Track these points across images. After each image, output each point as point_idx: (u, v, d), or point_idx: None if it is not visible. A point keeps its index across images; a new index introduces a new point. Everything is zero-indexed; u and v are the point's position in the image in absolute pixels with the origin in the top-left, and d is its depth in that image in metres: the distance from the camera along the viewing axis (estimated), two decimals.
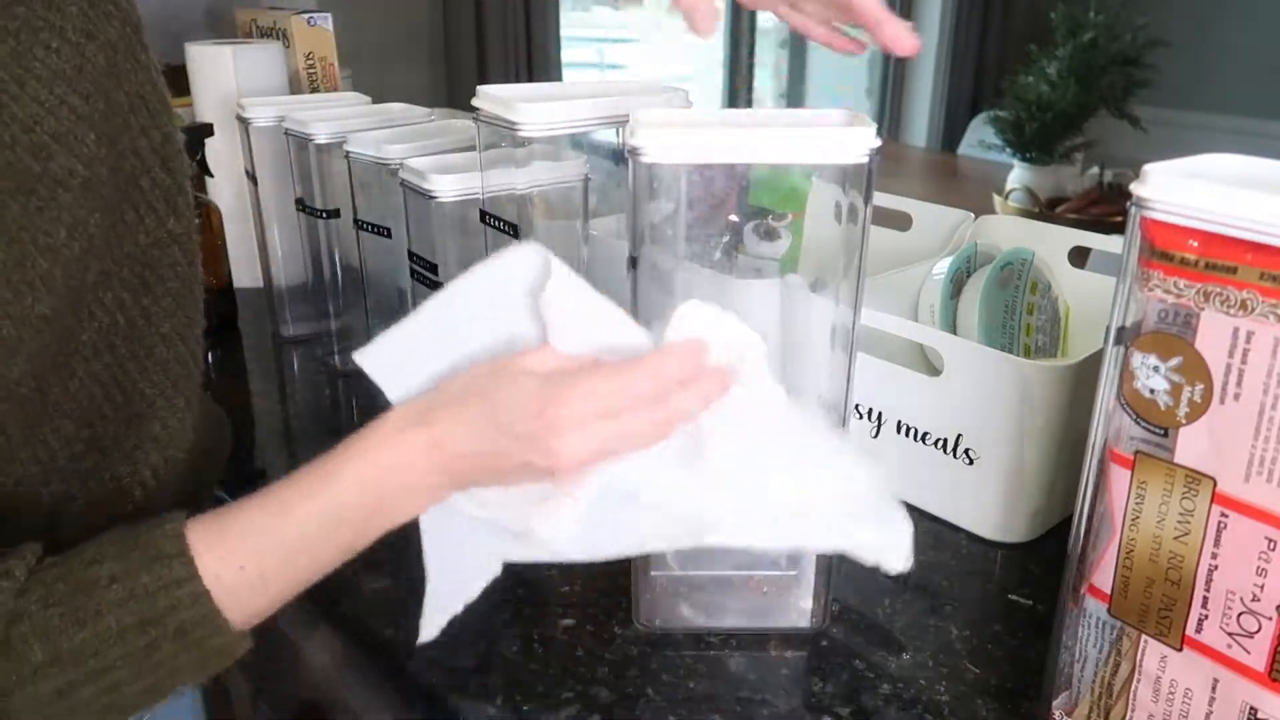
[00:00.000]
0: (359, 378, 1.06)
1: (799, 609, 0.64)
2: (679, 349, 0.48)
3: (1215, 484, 0.42)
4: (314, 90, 1.27)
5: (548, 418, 0.45)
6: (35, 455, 0.47)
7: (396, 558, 0.71)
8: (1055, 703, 0.52)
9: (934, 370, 0.73)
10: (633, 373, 0.47)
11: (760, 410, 0.50)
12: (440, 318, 0.51)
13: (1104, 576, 0.47)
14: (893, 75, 3.41)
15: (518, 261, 0.50)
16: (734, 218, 0.61)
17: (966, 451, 0.72)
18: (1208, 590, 0.43)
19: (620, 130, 0.68)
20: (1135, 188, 0.42)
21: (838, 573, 0.70)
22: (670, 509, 0.49)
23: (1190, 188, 0.40)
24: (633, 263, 0.56)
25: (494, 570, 0.52)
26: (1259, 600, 0.42)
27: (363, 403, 0.97)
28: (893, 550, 0.50)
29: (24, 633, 0.40)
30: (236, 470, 0.84)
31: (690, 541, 0.50)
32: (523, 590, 0.66)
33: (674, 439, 0.48)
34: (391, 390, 0.51)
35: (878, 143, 0.52)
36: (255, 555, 0.44)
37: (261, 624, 0.47)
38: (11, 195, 0.41)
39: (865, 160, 0.52)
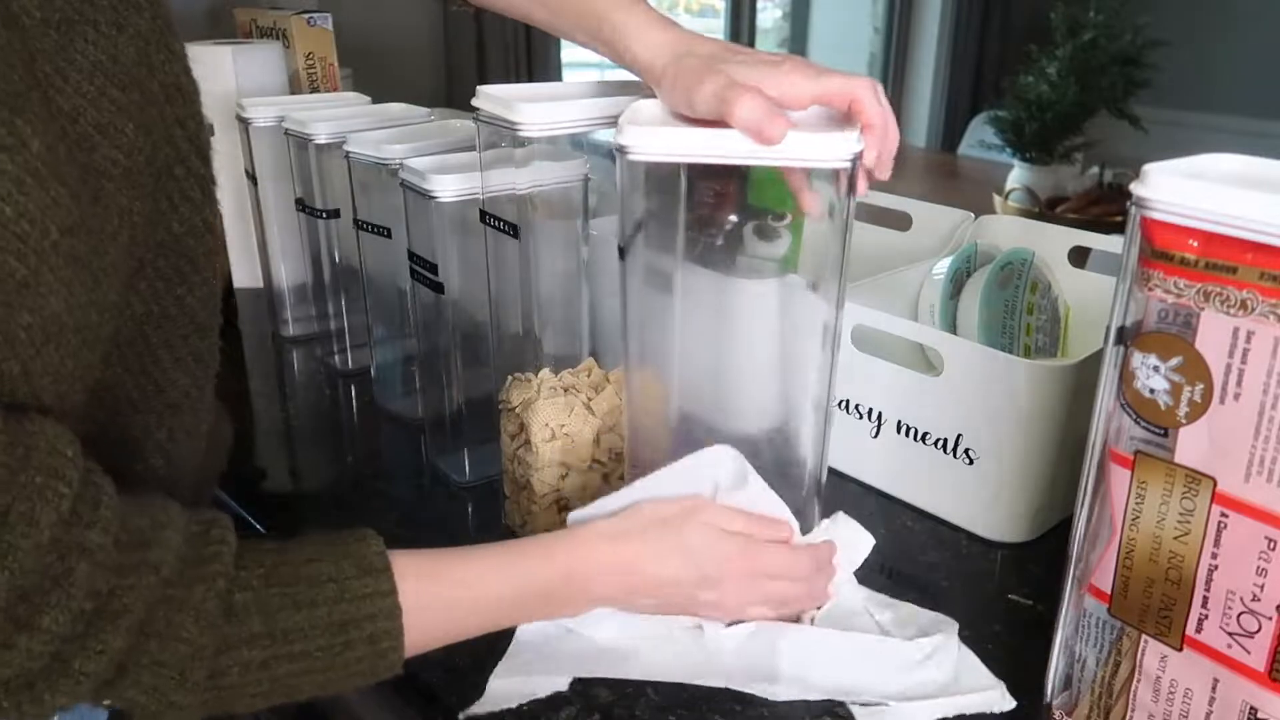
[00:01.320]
0: (359, 378, 1.06)
1: None
2: (828, 545, 0.62)
3: (1215, 484, 0.42)
4: (314, 90, 1.27)
5: (735, 568, 0.56)
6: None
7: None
8: (1055, 703, 0.52)
9: (934, 370, 0.73)
10: (802, 551, 0.60)
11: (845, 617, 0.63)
12: (644, 493, 0.59)
13: (1104, 576, 0.47)
14: (893, 75, 3.41)
15: (712, 461, 0.59)
16: (734, 218, 0.61)
17: (966, 451, 0.72)
18: (1208, 590, 0.43)
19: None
20: (1135, 188, 0.42)
21: None
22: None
23: (1190, 188, 0.40)
24: (621, 253, 0.57)
25: (562, 684, 0.57)
26: (1259, 600, 0.42)
27: (362, 403, 0.97)
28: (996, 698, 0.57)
29: (246, 602, 0.44)
30: (237, 470, 0.84)
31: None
32: None
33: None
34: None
35: (860, 146, 0.52)
36: (445, 604, 0.51)
37: None
38: (78, 186, 0.41)
39: (848, 164, 0.52)
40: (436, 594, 0.50)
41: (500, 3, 0.67)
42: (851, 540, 0.64)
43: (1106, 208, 1.64)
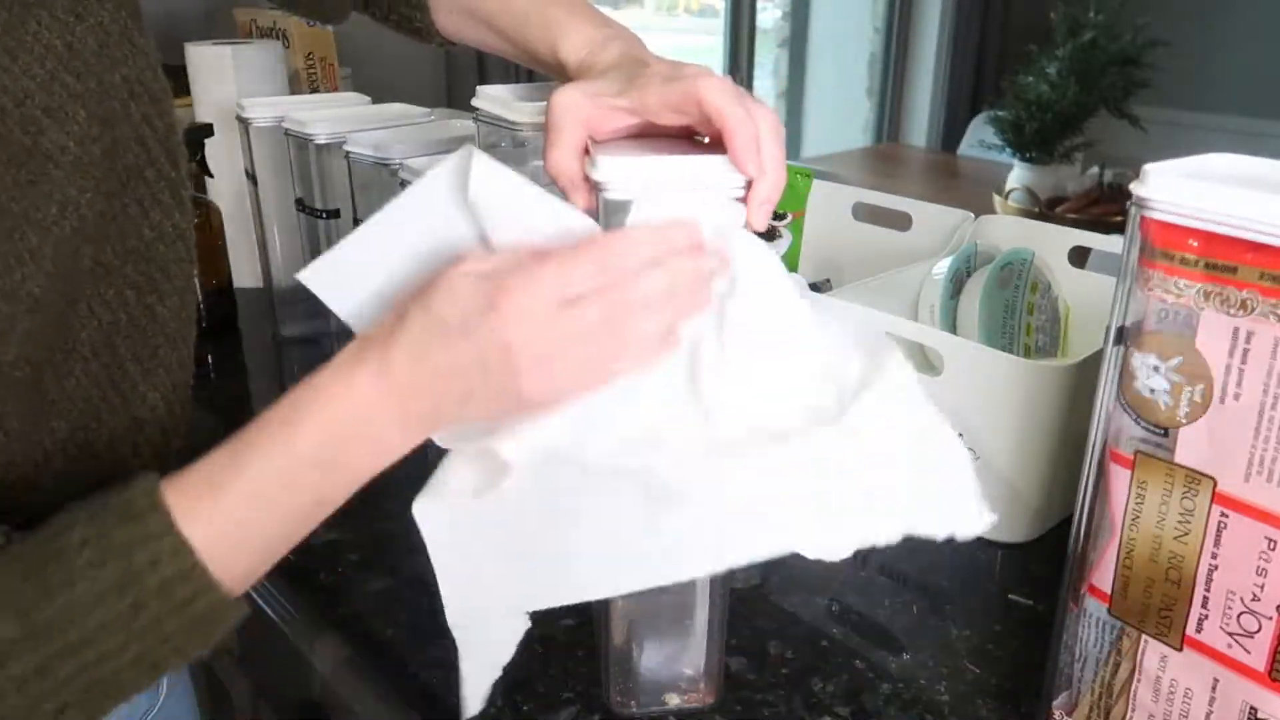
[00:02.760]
0: None
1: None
2: (658, 227, 0.42)
3: (1215, 484, 0.42)
4: (314, 90, 1.27)
5: (500, 309, 0.39)
6: (30, 455, 0.47)
7: (397, 558, 0.71)
8: (1055, 703, 0.52)
9: (934, 370, 0.73)
10: (579, 253, 0.40)
11: (773, 305, 0.43)
12: (382, 232, 0.48)
13: (1104, 576, 0.47)
14: (893, 75, 3.41)
15: (452, 168, 0.45)
16: None
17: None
18: (1208, 590, 0.43)
19: None
20: (1135, 188, 0.42)
21: (837, 572, 0.70)
22: (693, 500, 0.42)
23: (1190, 188, 0.40)
24: None
25: (521, 630, 0.47)
26: (1259, 600, 0.42)
27: None
28: (964, 513, 0.43)
29: None
30: None
31: (731, 562, 0.43)
32: None
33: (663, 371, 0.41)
34: (340, 305, 0.47)
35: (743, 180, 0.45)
36: (229, 508, 0.41)
37: (262, 625, 0.47)
38: (3, 167, 0.40)
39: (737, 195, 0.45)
40: (212, 512, 0.40)
41: (471, 38, 0.65)
42: (701, 212, 0.43)
43: (1106, 208, 1.64)
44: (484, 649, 0.48)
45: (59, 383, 0.47)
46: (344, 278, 0.47)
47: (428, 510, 0.46)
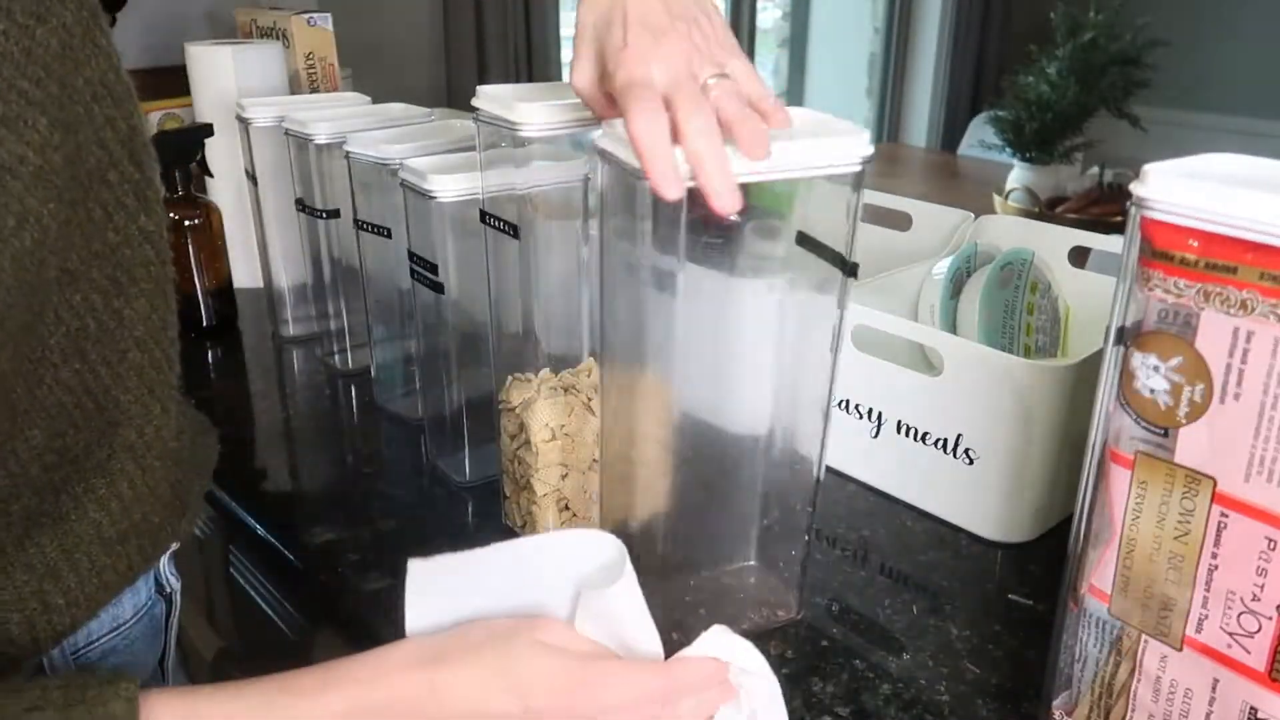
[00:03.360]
0: (359, 378, 1.06)
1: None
2: (699, 661, 0.50)
3: (1215, 484, 0.42)
4: (314, 90, 1.27)
5: (576, 699, 0.45)
6: (5, 467, 0.46)
7: (397, 558, 0.71)
8: (1055, 703, 0.52)
9: (934, 370, 0.73)
10: (655, 672, 0.48)
11: None
12: (498, 561, 0.50)
13: (1104, 576, 0.47)
14: (893, 75, 3.41)
15: (591, 543, 0.50)
16: (734, 217, 0.61)
17: (966, 451, 0.72)
18: (1208, 590, 0.43)
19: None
20: (1135, 188, 0.42)
21: (836, 572, 0.70)
22: None
23: (1190, 188, 0.40)
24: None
25: None
26: (1259, 600, 0.42)
27: (362, 403, 0.97)
28: None
29: None
30: (237, 471, 0.84)
31: None
32: None
33: None
34: (412, 611, 0.49)
35: (870, 149, 0.52)
36: None
37: (262, 625, 0.47)
38: None
39: (859, 168, 0.52)
40: None
41: None
42: (744, 658, 0.51)
43: (1106, 208, 1.64)
44: None
45: (30, 391, 0.46)
46: (438, 586, 0.49)
47: None
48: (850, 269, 0.56)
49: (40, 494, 0.48)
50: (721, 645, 0.51)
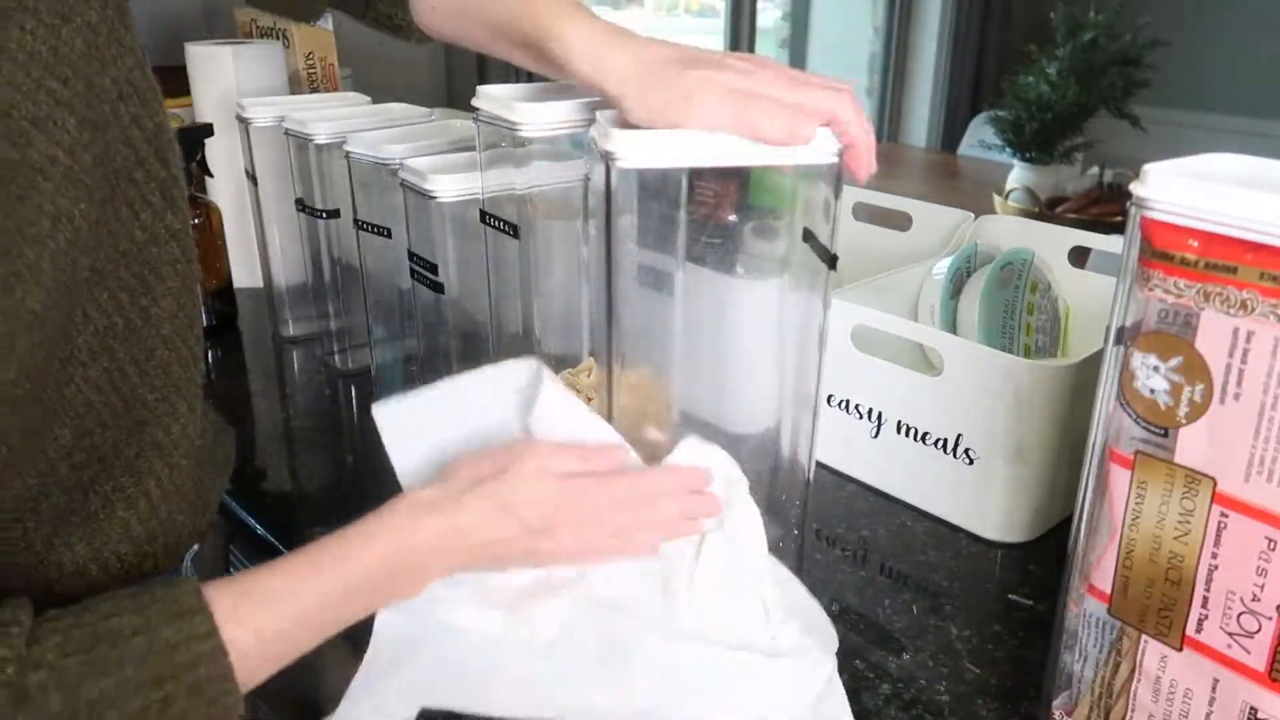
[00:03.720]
0: (359, 378, 1.06)
1: None
2: (683, 469, 0.55)
3: (1215, 484, 0.42)
4: (314, 90, 1.27)
5: (562, 513, 0.52)
6: (34, 467, 0.46)
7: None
8: (1055, 703, 0.52)
9: (934, 370, 0.73)
10: (632, 479, 0.55)
11: (740, 552, 0.56)
12: (448, 399, 0.57)
13: (1104, 576, 0.47)
14: (893, 75, 3.41)
15: (516, 371, 0.57)
16: (733, 217, 0.61)
17: (966, 451, 0.72)
18: (1208, 590, 0.43)
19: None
20: (1135, 188, 0.42)
21: (836, 572, 0.70)
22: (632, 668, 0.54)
23: (1190, 188, 0.40)
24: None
25: (410, 715, 0.53)
26: (1259, 600, 0.42)
27: (362, 403, 0.97)
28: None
29: (41, 681, 0.39)
30: (237, 471, 0.84)
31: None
32: None
33: (655, 568, 0.55)
34: (395, 452, 0.56)
35: (839, 145, 0.52)
36: (270, 621, 0.45)
37: None
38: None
39: (835, 160, 0.52)
40: (257, 622, 0.44)
41: (450, 34, 0.65)
42: (731, 476, 0.57)
43: (1106, 208, 1.64)
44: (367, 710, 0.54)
45: (59, 391, 0.46)
46: (408, 427, 0.57)
47: (388, 617, 0.53)
48: (830, 260, 0.57)
49: (69, 493, 0.49)
50: (698, 454, 0.56)
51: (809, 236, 0.57)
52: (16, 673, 0.38)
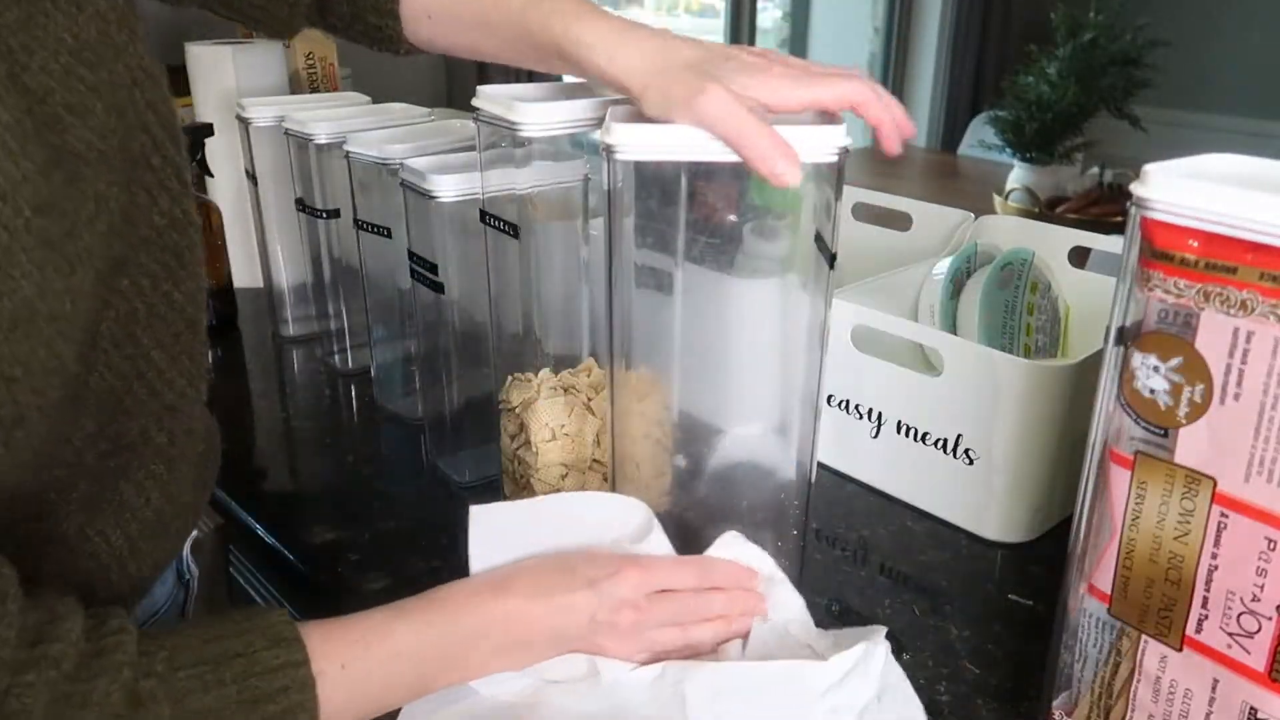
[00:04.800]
0: (359, 378, 1.06)
1: None
2: (728, 563, 0.59)
3: (1215, 484, 0.42)
4: (314, 90, 1.27)
5: (628, 615, 0.54)
6: (61, 457, 0.46)
7: (397, 558, 0.71)
8: (1055, 703, 0.52)
9: (934, 370, 0.73)
10: (688, 565, 0.58)
11: (779, 646, 0.57)
12: (544, 510, 0.60)
13: (1104, 576, 0.47)
14: (893, 76, 3.41)
15: (625, 507, 0.60)
16: (733, 217, 0.61)
17: (966, 451, 0.72)
18: (1208, 590, 0.43)
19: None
20: (1135, 188, 0.42)
21: (836, 572, 0.70)
22: None
23: (1190, 188, 0.40)
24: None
25: None
26: (1259, 600, 0.42)
27: (362, 403, 0.97)
28: None
29: (152, 689, 0.41)
30: (237, 471, 0.84)
31: None
32: None
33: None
34: (475, 552, 0.57)
35: (848, 141, 0.52)
36: (357, 661, 0.47)
37: None
38: (50, 168, 0.39)
39: (835, 159, 0.52)
40: (346, 656, 0.47)
41: (444, 43, 0.64)
42: (758, 565, 0.60)
43: (1106, 208, 1.64)
44: None
45: (84, 380, 0.46)
46: (499, 531, 0.58)
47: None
48: (831, 259, 0.57)
49: (100, 481, 0.49)
50: (737, 549, 0.59)
51: (819, 239, 0.57)
52: (132, 678, 0.41)
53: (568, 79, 0.65)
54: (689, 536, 0.62)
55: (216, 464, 0.62)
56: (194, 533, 0.62)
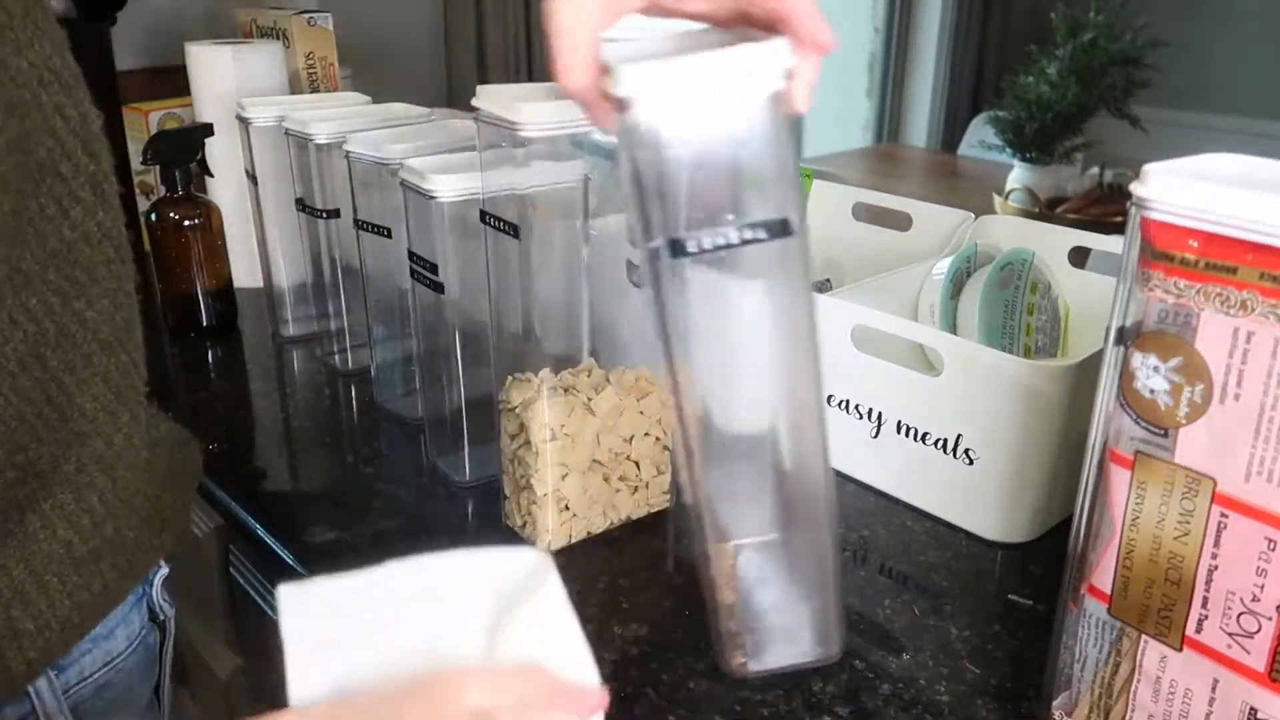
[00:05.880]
0: (359, 378, 1.06)
1: None
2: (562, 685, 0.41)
3: (1215, 484, 0.42)
4: (314, 90, 1.27)
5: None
6: None
7: (397, 558, 0.71)
8: (1055, 703, 0.52)
9: (934, 370, 0.73)
10: (517, 678, 0.40)
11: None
12: (389, 586, 0.44)
13: (1104, 576, 0.47)
14: (893, 76, 3.41)
15: (509, 561, 0.43)
16: (731, 216, 0.61)
17: (966, 451, 0.72)
18: (1208, 590, 0.43)
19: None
20: (1135, 188, 0.42)
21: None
22: None
23: (1190, 188, 0.40)
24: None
25: None
26: (1259, 600, 0.42)
27: (362, 403, 0.97)
28: None
29: None
30: (237, 471, 0.84)
31: None
32: None
33: None
34: (291, 640, 0.43)
35: (793, 61, 0.45)
36: None
37: (262, 625, 0.46)
38: None
39: (781, 85, 0.45)
40: None
41: None
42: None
43: (1106, 208, 1.64)
44: None
45: None
46: (321, 614, 0.43)
47: None
48: (786, 228, 0.48)
49: (4, 512, 0.45)
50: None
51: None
52: None
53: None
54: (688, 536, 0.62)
55: (181, 495, 0.57)
56: (162, 570, 0.58)
